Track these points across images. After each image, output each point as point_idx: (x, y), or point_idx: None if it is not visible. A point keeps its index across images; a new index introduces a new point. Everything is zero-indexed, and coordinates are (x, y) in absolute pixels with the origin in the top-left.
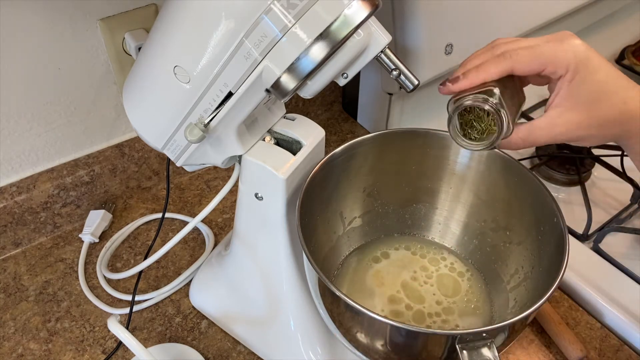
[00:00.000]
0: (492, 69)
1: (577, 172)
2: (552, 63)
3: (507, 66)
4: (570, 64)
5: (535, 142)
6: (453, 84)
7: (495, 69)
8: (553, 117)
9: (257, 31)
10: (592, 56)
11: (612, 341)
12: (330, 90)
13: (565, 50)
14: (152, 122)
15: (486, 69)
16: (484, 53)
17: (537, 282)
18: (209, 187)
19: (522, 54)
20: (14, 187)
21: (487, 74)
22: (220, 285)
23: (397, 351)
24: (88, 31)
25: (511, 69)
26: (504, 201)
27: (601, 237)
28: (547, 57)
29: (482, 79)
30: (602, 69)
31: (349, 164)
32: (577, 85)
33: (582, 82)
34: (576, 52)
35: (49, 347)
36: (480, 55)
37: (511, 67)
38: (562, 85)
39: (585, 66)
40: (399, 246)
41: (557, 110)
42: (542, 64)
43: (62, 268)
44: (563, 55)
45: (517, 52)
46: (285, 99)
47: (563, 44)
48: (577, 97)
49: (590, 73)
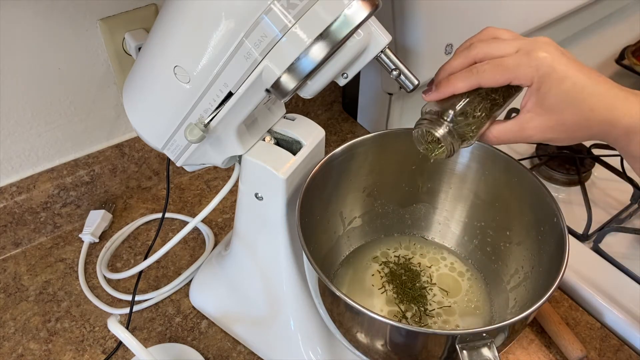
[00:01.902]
0: (459, 84)
1: (577, 172)
2: (516, 78)
3: (474, 82)
4: (534, 77)
5: (506, 142)
6: (426, 95)
7: (462, 84)
8: (523, 122)
9: (257, 31)
10: (558, 66)
11: (612, 341)
12: (330, 90)
13: (528, 64)
14: (152, 122)
15: (454, 84)
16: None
17: (537, 282)
18: (209, 187)
19: (487, 70)
20: (14, 187)
21: (454, 88)
22: (220, 285)
23: (397, 351)
24: (88, 31)
25: (477, 84)
26: (504, 201)
27: (601, 237)
28: (510, 72)
29: (450, 92)
30: (567, 79)
31: (349, 164)
32: (543, 94)
33: (548, 92)
34: (539, 66)
35: (49, 347)
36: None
37: (478, 83)
38: (531, 93)
39: (549, 78)
40: (399, 246)
41: (528, 115)
42: (507, 79)
43: (62, 268)
44: (525, 70)
45: (483, 67)
46: (285, 99)
47: (528, 57)
48: (545, 106)
49: (555, 84)
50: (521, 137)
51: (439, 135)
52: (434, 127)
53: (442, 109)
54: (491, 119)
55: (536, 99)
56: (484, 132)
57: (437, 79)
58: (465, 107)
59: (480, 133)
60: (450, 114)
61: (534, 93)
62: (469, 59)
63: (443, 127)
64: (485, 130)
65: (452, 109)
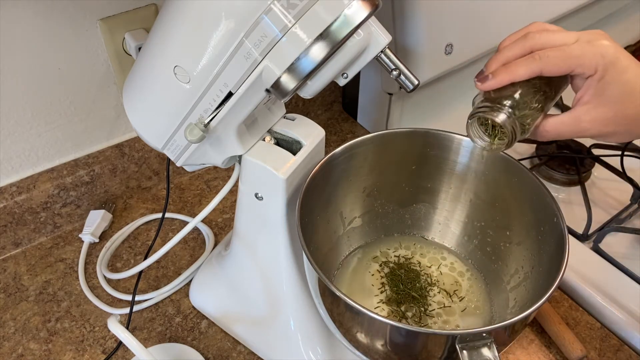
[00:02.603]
0: (521, 71)
1: (577, 172)
2: (580, 65)
3: (536, 68)
4: (599, 65)
5: (560, 136)
6: (482, 83)
7: (523, 71)
8: (580, 114)
9: (257, 31)
10: (621, 56)
11: (612, 341)
12: (330, 90)
13: (594, 52)
14: (152, 122)
15: (515, 71)
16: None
17: (537, 282)
18: (209, 187)
19: (551, 57)
20: (14, 187)
21: (515, 75)
22: (220, 285)
23: (397, 351)
24: (88, 31)
25: (540, 71)
26: (504, 201)
27: (601, 237)
28: (575, 59)
29: (510, 80)
30: (630, 69)
31: (349, 164)
32: (605, 84)
33: (610, 82)
34: (604, 54)
35: (49, 347)
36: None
37: (540, 70)
38: (591, 84)
39: (613, 67)
40: (399, 246)
41: (585, 107)
42: (570, 66)
43: (62, 268)
44: (591, 57)
45: (547, 54)
46: (285, 99)
47: (592, 45)
48: (605, 96)
49: (618, 73)
50: (576, 131)
51: (500, 120)
52: (495, 113)
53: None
54: (543, 112)
55: (596, 90)
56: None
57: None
58: (523, 96)
59: (535, 125)
60: (509, 102)
61: (593, 84)
62: (526, 48)
63: (504, 113)
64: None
65: (510, 98)
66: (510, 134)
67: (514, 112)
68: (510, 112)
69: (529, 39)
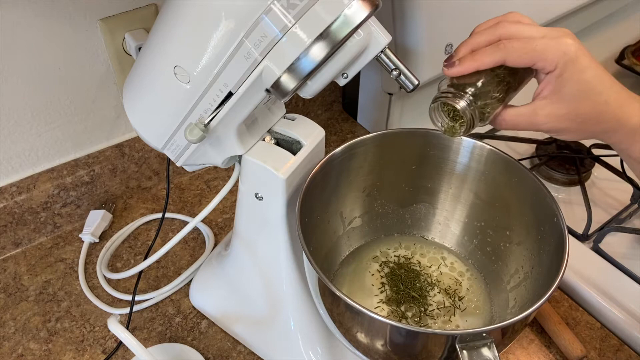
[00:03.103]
0: (486, 59)
1: (577, 172)
2: (541, 59)
3: (500, 58)
4: (560, 62)
5: (516, 127)
6: (449, 69)
7: (488, 59)
8: (537, 107)
9: (257, 31)
10: (582, 56)
11: (612, 341)
12: (330, 90)
13: (556, 48)
14: (152, 122)
15: (480, 59)
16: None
17: (537, 282)
18: (209, 187)
19: (515, 48)
20: (14, 187)
21: (480, 63)
22: (220, 285)
23: (397, 351)
24: (88, 31)
25: (503, 61)
26: (504, 201)
27: (601, 237)
28: (538, 53)
29: (475, 67)
30: (590, 69)
31: (349, 164)
32: (563, 81)
33: (568, 80)
34: (566, 51)
35: (49, 347)
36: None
37: (503, 59)
38: (550, 79)
39: (573, 65)
40: (399, 246)
41: (542, 102)
42: (532, 58)
43: (62, 268)
44: (553, 53)
45: (512, 44)
46: (285, 99)
47: (556, 42)
48: (562, 93)
49: (577, 72)
50: (532, 124)
51: (460, 107)
52: (456, 99)
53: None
54: (504, 102)
55: (554, 86)
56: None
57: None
58: (486, 85)
59: (495, 114)
60: (471, 89)
61: (553, 80)
62: (494, 36)
63: (464, 101)
64: (498, 112)
65: (473, 85)
66: (469, 120)
67: (475, 100)
68: (471, 100)
69: (499, 27)
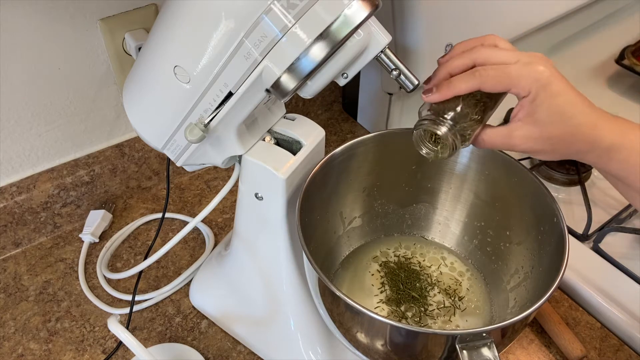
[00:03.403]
0: (462, 86)
1: (577, 172)
2: (515, 86)
3: (475, 84)
4: (532, 88)
5: (493, 146)
6: (426, 96)
7: (464, 85)
8: (512, 129)
9: (257, 31)
10: (554, 81)
11: (612, 341)
12: (330, 90)
13: (528, 75)
14: (152, 122)
15: (456, 86)
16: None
17: (537, 282)
18: (209, 187)
19: (490, 75)
20: (14, 187)
21: (456, 90)
22: (220, 285)
23: (397, 351)
24: (88, 31)
25: (478, 87)
26: (504, 201)
27: (601, 237)
28: (511, 79)
29: (451, 94)
30: (561, 94)
31: (349, 164)
32: (536, 106)
33: (541, 104)
34: (538, 78)
35: (49, 347)
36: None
37: (478, 85)
38: (525, 104)
39: (545, 91)
40: (399, 246)
41: (517, 124)
42: (506, 85)
43: (62, 268)
44: (526, 80)
45: (487, 71)
46: (285, 99)
47: (528, 68)
48: (535, 117)
49: (549, 97)
50: (507, 144)
51: (442, 133)
52: (436, 126)
53: (441, 109)
54: (483, 123)
55: (528, 110)
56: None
57: (437, 78)
58: (465, 108)
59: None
60: (451, 114)
61: (526, 104)
62: (470, 60)
63: (445, 126)
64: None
65: (452, 110)
66: (452, 144)
67: (455, 124)
68: (451, 124)
69: (474, 52)
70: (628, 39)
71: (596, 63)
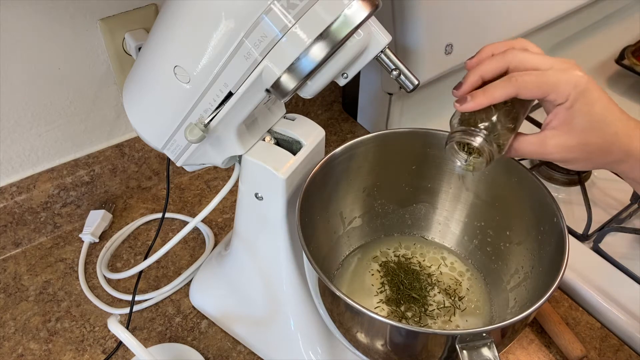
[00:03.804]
0: (497, 93)
1: (577, 172)
2: (554, 92)
3: (512, 91)
4: (571, 94)
5: (526, 155)
6: (461, 104)
7: (500, 93)
8: (546, 137)
9: (257, 31)
10: (592, 88)
11: (612, 341)
12: (330, 90)
13: (567, 81)
14: (152, 122)
15: (492, 94)
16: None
17: (537, 282)
18: (209, 187)
19: (527, 81)
20: (14, 187)
21: (492, 99)
22: (220, 285)
23: (397, 351)
24: (88, 31)
25: (516, 94)
26: (504, 201)
27: (601, 237)
28: (550, 85)
29: (487, 103)
30: (599, 101)
31: (349, 164)
32: (574, 113)
33: (579, 112)
34: (577, 84)
35: (49, 347)
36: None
37: (516, 92)
38: (560, 111)
39: (584, 97)
40: (399, 246)
41: (552, 132)
42: (545, 92)
43: (62, 268)
44: (565, 85)
45: (523, 77)
46: (285, 99)
47: (566, 74)
48: (572, 124)
49: (587, 104)
50: (541, 153)
51: (478, 144)
52: (472, 137)
53: (475, 118)
54: (516, 131)
55: (564, 117)
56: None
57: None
58: (499, 116)
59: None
60: (485, 124)
61: (562, 111)
62: (504, 63)
63: (480, 137)
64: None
65: (487, 119)
66: (488, 155)
67: (490, 134)
68: (486, 134)
69: (507, 55)
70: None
71: (596, 63)
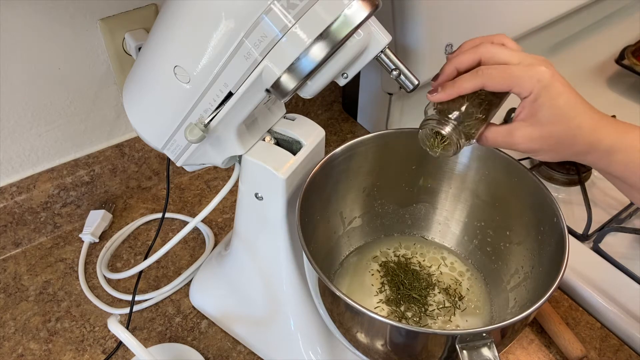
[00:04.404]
0: (466, 85)
1: (577, 172)
2: (517, 85)
3: (479, 83)
4: (534, 88)
5: (495, 145)
6: (432, 95)
7: (468, 84)
8: (514, 128)
9: (257, 31)
10: (556, 83)
11: (612, 341)
12: (330, 90)
13: (531, 75)
14: (152, 122)
15: (460, 85)
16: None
17: (537, 282)
18: (209, 187)
19: (493, 74)
20: (14, 187)
21: (461, 90)
22: (220, 285)
23: (397, 351)
24: (88, 31)
25: (482, 86)
26: (504, 201)
27: (601, 237)
28: (514, 79)
29: (456, 94)
30: (563, 95)
31: (349, 164)
32: (538, 107)
33: (543, 105)
34: (540, 78)
35: (49, 347)
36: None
37: (482, 84)
38: (526, 104)
39: (547, 91)
40: (399, 246)
41: (519, 123)
42: (509, 85)
43: (62, 268)
44: (528, 80)
45: (490, 71)
46: (285, 99)
47: (531, 69)
48: (537, 117)
49: (551, 98)
50: (509, 143)
51: (446, 133)
52: (441, 126)
53: (446, 108)
54: (487, 121)
55: (530, 110)
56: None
57: (444, 74)
58: (469, 108)
59: (480, 133)
60: (455, 114)
61: (528, 104)
62: (476, 54)
63: (449, 126)
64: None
65: (457, 109)
66: (456, 143)
67: (459, 123)
68: (455, 124)
69: (480, 48)
70: (628, 39)
71: (596, 63)
